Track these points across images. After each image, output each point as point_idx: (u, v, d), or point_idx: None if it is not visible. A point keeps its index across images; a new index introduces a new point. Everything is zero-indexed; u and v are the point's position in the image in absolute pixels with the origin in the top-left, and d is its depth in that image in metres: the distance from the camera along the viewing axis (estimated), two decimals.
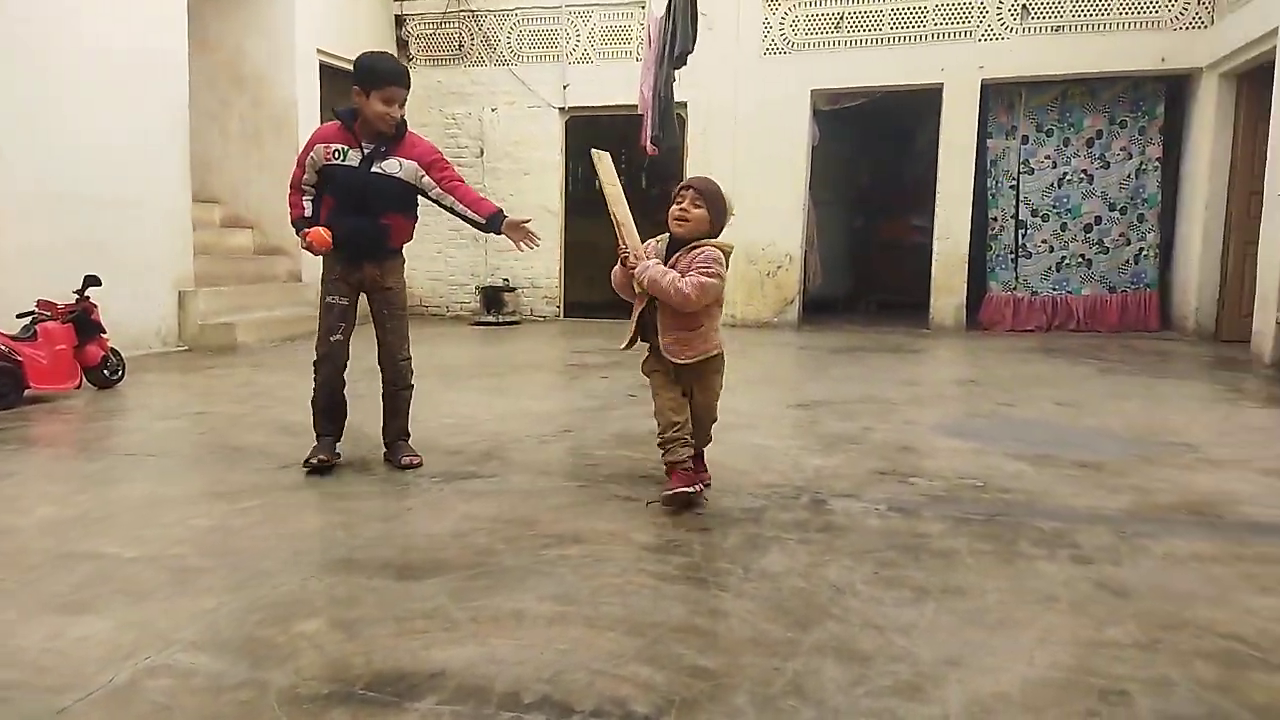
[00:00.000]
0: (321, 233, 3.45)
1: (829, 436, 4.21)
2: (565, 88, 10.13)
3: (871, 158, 12.15)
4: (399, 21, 10.54)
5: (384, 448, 3.75)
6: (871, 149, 11.97)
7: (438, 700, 1.77)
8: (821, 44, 9.45)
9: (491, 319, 10.03)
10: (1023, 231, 9.39)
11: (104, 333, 5.47)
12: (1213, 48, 8.22)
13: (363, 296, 3.66)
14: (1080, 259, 9.30)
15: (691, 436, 3.11)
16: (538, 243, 3.57)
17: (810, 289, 10.21)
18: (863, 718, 1.72)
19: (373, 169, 3.47)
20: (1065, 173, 9.24)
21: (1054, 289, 9.38)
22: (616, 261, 3.16)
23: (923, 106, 9.78)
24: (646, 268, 3.02)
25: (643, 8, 9.53)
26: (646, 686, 1.83)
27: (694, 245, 3.04)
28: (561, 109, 10.22)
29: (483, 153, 10.42)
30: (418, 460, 3.65)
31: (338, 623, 2.12)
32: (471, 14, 10.37)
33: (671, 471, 3.08)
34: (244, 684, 1.83)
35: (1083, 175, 9.20)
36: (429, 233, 9.76)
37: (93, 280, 5.40)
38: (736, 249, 3.41)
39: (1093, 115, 9.13)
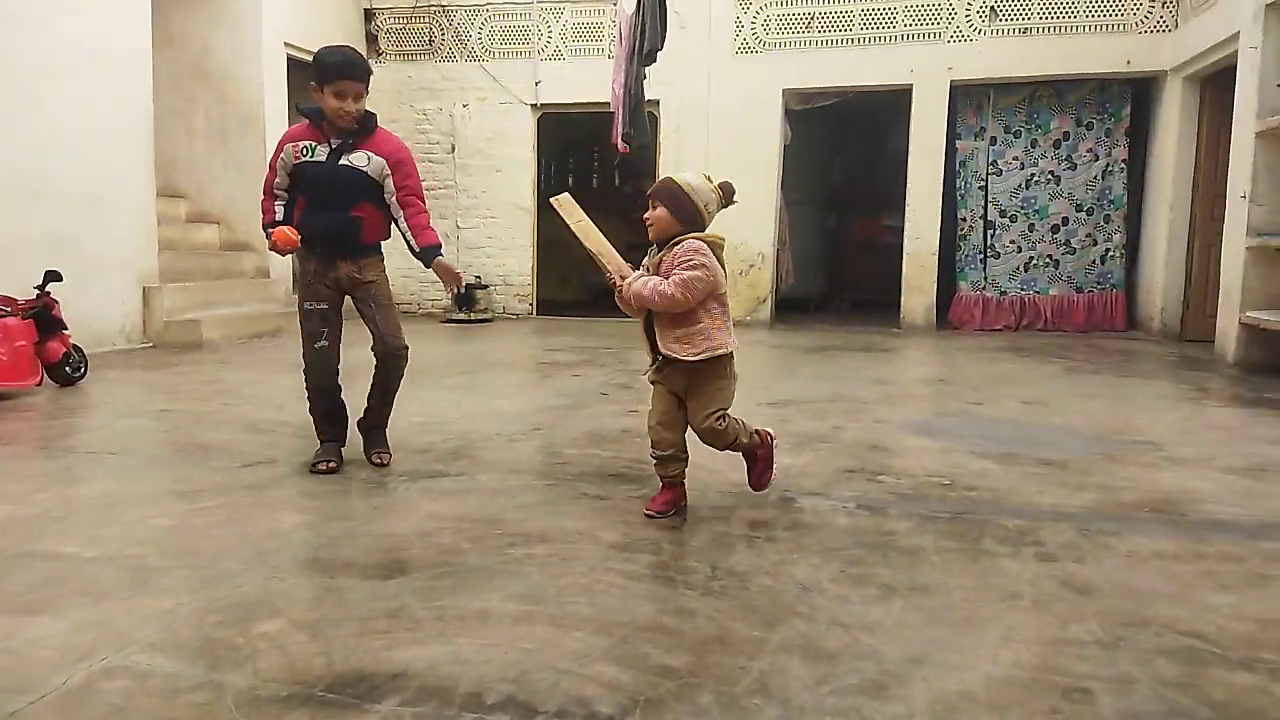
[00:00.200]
0: (286, 231, 3.40)
1: (799, 435, 4.22)
2: (537, 84, 10.09)
3: (843, 158, 12.21)
4: (368, 15, 10.44)
5: (360, 434, 3.68)
6: (843, 149, 12.05)
7: (400, 701, 1.74)
8: (793, 44, 9.49)
9: (463, 316, 9.97)
10: (991, 232, 9.48)
11: (66, 329, 5.39)
12: (1176, 51, 8.33)
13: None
14: (1048, 259, 9.40)
15: (682, 449, 3.02)
16: (460, 288, 3.65)
17: (782, 288, 10.24)
18: (828, 716, 1.72)
19: (340, 162, 3.42)
20: (1033, 174, 9.33)
21: (1022, 289, 9.47)
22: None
23: (893, 107, 9.84)
24: (630, 285, 2.99)
25: (614, 4, 9.50)
26: (612, 686, 1.82)
27: (676, 241, 3.02)
28: (534, 105, 10.19)
29: (454, 149, 10.36)
30: (387, 458, 3.62)
31: (299, 623, 2.09)
32: (442, 9, 10.30)
33: (662, 482, 3.05)
34: (201, 685, 1.80)
35: (1050, 176, 9.30)
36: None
37: (53, 275, 5.31)
38: None
39: (1060, 117, 9.23)
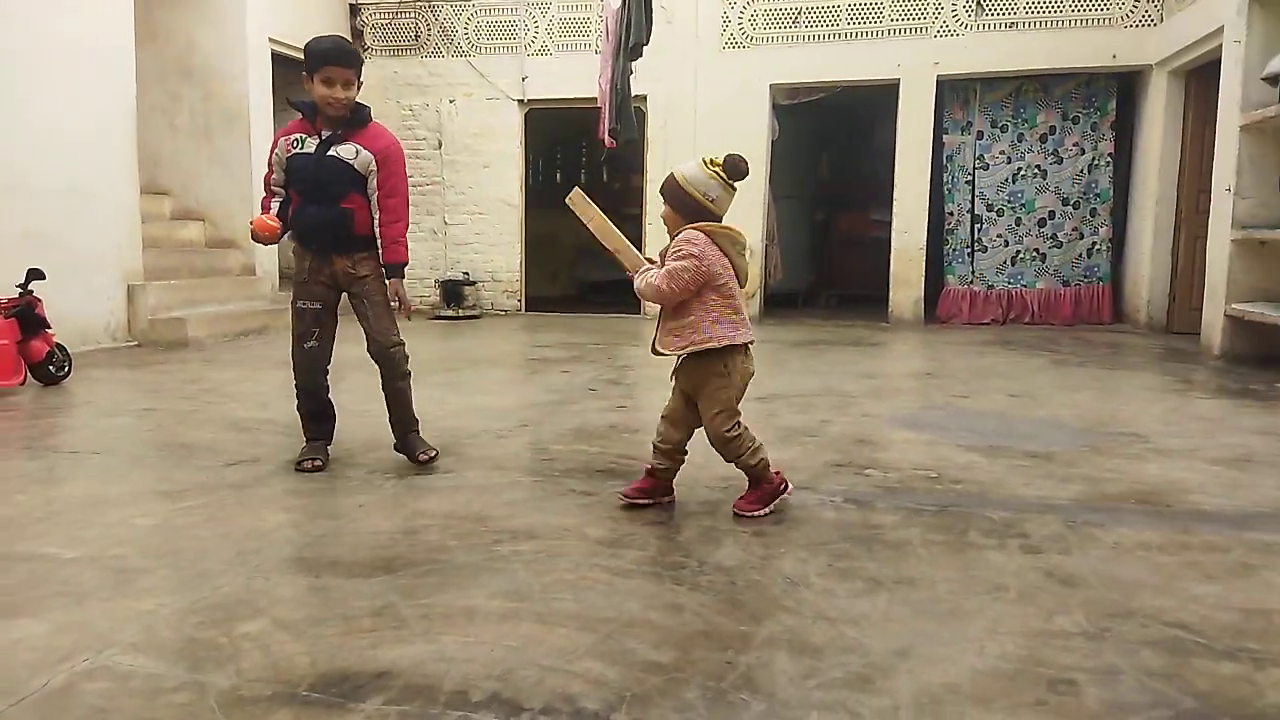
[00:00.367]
0: (265, 219, 3.37)
1: (786, 429, 4.22)
2: (524, 80, 10.05)
3: (831, 153, 12.21)
4: (354, 10, 10.38)
5: (396, 441, 3.63)
6: (831, 144, 12.03)
7: (384, 700, 1.73)
8: (780, 38, 9.47)
9: (451, 313, 9.93)
10: (978, 226, 9.49)
11: (49, 328, 5.35)
12: (1161, 45, 8.35)
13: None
14: (1034, 253, 9.42)
15: (680, 450, 3.02)
16: (408, 316, 3.60)
17: (771, 283, 10.24)
18: (813, 710, 1.72)
19: (328, 153, 3.38)
20: (1019, 168, 9.35)
21: (1009, 283, 9.49)
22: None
23: (881, 102, 9.84)
24: (636, 278, 3.00)
25: None
26: (598, 682, 1.81)
27: (679, 233, 3.05)
28: (521, 101, 10.15)
29: (441, 145, 10.31)
30: (433, 453, 3.55)
31: (282, 623, 2.08)
32: (428, 4, 10.24)
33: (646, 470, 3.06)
34: (183, 686, 1.79)
35: (1036, 170, 9.32)
36: None
37: (36, 274, 5.27)
38: None
39: (1046, 111, 9.24)
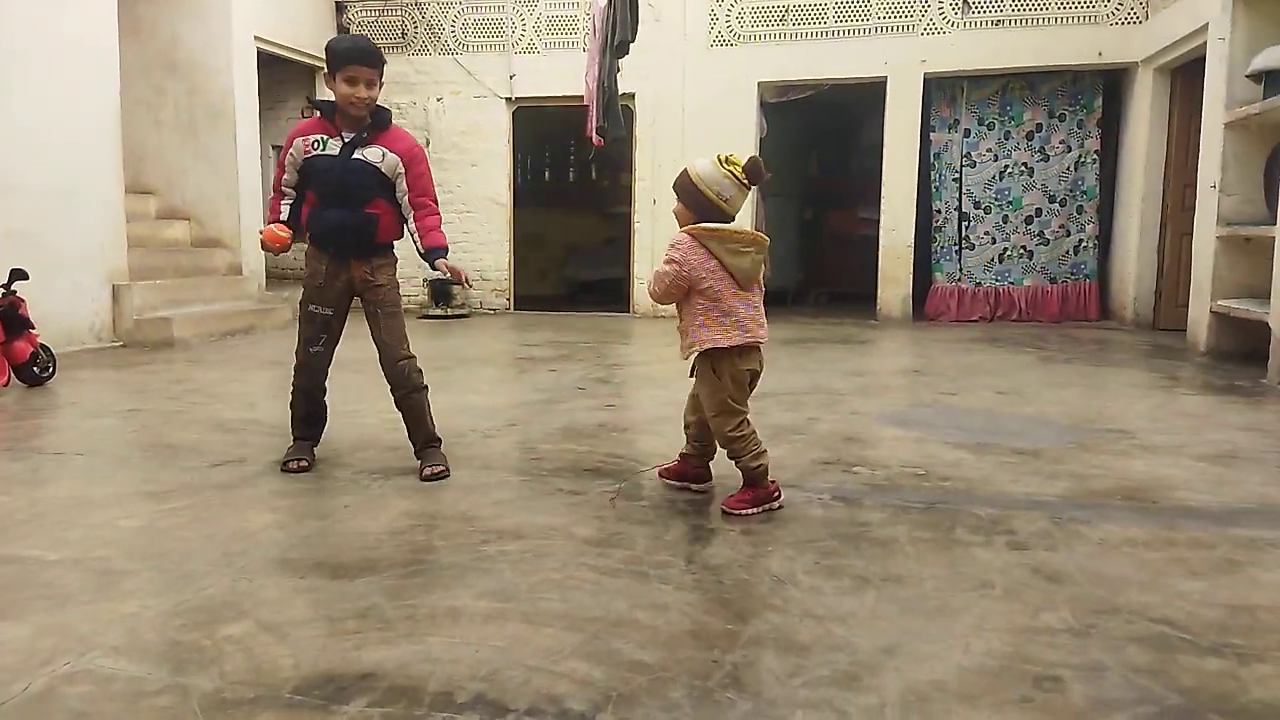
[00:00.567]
0: (275, 229, 3.28)
1: (774, 427, 4.22)
2: (512, 78, 10.02)
3: (819, 151, 12.21)
4: (340, 8, 10.32)
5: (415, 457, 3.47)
6: (819, 142, 12.04)
7: (368, 702, 1.72)
8: (768, 36, 9.48)
9: (440, 312, 9.91)
10: (966, 224, 9.51)
11: (33, 328, 5.31)
12: (1147, 43, 8.38)
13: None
14: (1021, 250, 9.44)
15: (700, 439, 3.16)
16: (468, 283, 3.62)
17: None
18: (799, 709, 1.71)
19: (354, 155, 3.29)
20: (1006, 165, 9.37)
21: (996, 280, 9.52)
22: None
23: (868, 100, 9.85)
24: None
25: None
26: (583, 682, 1.81)
27: None
28: (508, 99, 10.12)
29: (428, 143, 10.26)
30: (441, 469, 3.34)
31: (266, 625, 2.06)
32: (414, 2, 10.21)
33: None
34: (166, 689, 1.77)
35: (1023, 168, 9.34)
36: None
37: (19, 274, 5.23)
38: None
39: (1032, 108, 9.27)
